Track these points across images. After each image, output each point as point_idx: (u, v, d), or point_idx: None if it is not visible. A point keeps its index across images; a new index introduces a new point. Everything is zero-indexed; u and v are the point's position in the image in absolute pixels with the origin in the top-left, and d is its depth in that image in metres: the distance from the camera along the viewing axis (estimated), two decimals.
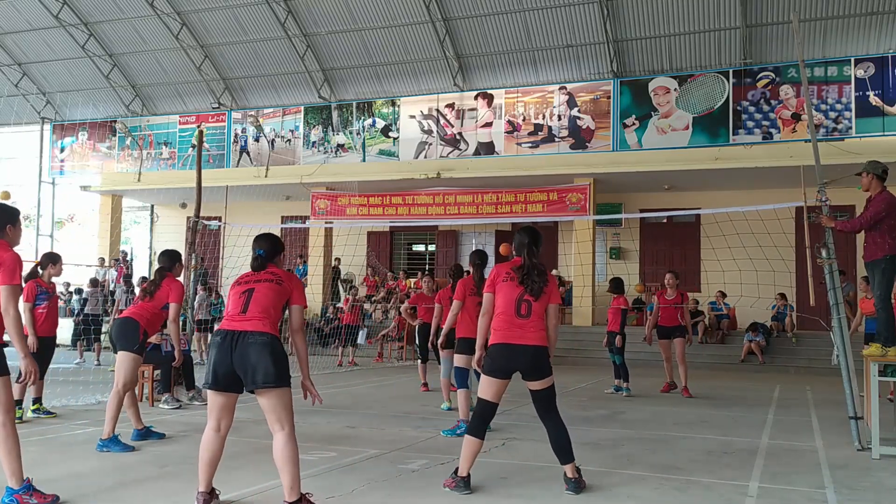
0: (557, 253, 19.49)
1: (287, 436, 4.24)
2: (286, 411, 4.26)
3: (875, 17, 16.59)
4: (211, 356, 4.31)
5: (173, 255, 7.07)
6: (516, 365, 4.96)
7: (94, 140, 22.40)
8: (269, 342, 4.23)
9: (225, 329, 4.31)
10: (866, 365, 6.74)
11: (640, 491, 5.15)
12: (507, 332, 4.94)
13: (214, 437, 4.39)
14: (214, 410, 4.38)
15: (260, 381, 4.18)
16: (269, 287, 4.40)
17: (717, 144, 16.35)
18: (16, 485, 4.48)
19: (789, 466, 5.97)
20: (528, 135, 17.89)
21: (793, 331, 16.20)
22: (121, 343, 6.53)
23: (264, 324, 4.28)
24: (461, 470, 4.98)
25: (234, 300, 4.43)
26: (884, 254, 6.56)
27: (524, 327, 4.93)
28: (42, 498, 4.52)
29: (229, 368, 4.25)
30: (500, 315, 5.01)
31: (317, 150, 19.77)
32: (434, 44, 19.26)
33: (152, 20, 20.64)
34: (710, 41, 17.75)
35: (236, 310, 4.35)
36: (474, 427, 5.01)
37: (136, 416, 6.72)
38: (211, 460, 4.39)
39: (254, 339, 4.23)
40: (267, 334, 4.25)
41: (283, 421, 4.25)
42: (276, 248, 4.67)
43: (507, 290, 5.00)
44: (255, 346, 4.21)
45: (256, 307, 4.32)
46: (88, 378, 10.93)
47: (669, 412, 8.94)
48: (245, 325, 4.27)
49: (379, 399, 9.96)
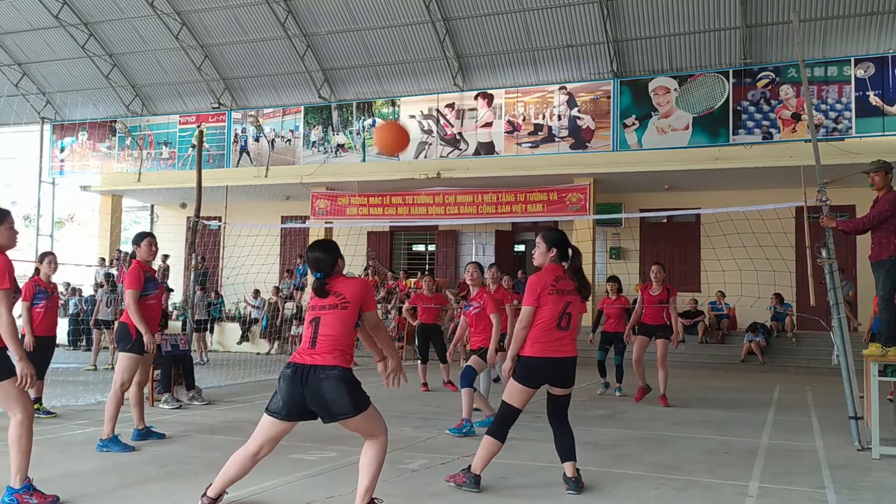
0: None
1: (380, 444, 4.30)
2: (375, 425, 4.28)
3: (875, 17, 16.59)
4: (282, 388, 4.20)
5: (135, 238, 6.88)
6: (553, 376, 5.04)
7: (94, 140, 22.40)
8: (339, 375, 4.14)
9: (296, 363, 4.20)
10: (866, 365, 6.73)
11: (640, 491, 5.15)
12: (548, 346, 4.97)
13: (250, 460, 4.27)
14: (263, 436, 4.24)
15: (338, 415, 4.15)
16: (334, 316, 4.22)
17: (717, 144, 16.35)
18: (18, 484, 4.49)
19: (789, 466, 5.97)
20: (528, 135, 17.89)
21: (793, 331, 16.20)
22: (118, 345, 6.55)
23: (334, 356, 4.16)
24: (475, 467, 5.01)
25: (305, 329, 4.34)
26: (889, 254, 6.55)
27: (562, 340, 5.00)
28: (42, 498, 4.52)
29: (301, 403, 4.16)
30: (540, 326, 4.99)
31: (317, 150, 19.77)
32: (434, 44, 19.25)
33: (152, 20, 20.63)
34: (710, 41, 17.74)
35: (306, 342, 4.24)
36: (498, 430, 5.04)
37: (139, 415, 6.73)
38: (234, 477, 4.31)
39: (325, 373, 4.12)
40: (337, 367, 4.15)
41: (375, 434, 4.29)
42: (334, 259, 4.39)
43: (553, 303, 5.00)
44: (326, 381, 4.11)
45: (325, 339, 4.20)
46: (88, 378, 10.95)
47: (669, 412, 8.93)
48: (315, 360, 4.16)
49: (379, 399, 9.89)
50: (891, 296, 6.60)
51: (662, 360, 9.48)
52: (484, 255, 20.52)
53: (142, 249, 6.67)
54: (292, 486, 5.16)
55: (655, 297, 9.58)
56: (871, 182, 6.82)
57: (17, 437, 4.46)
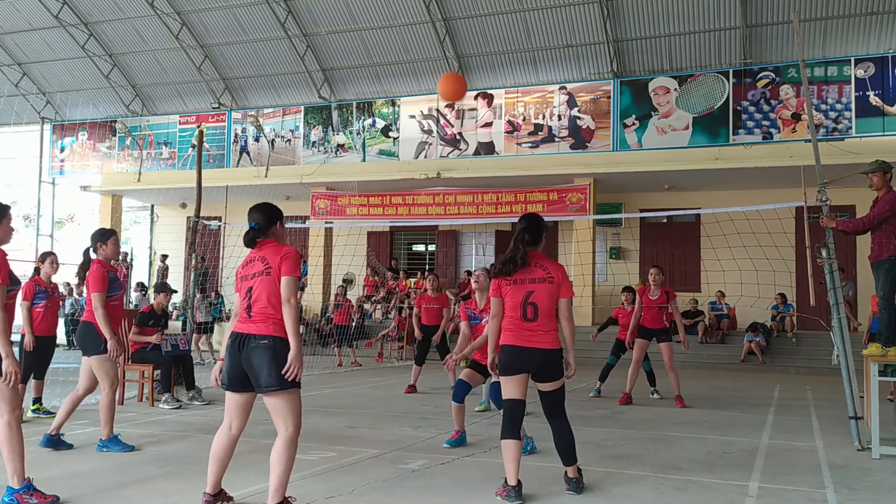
0: (557, 253, 19.47)
1: (287, 438, 4.20)
2: (291, 413, 4.22)
3: (875, 17, 16.59)
4: (225, 357, 4.34)
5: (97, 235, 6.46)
6: (527, 366, 4.88)
7: (94, 140, 22.39)
8: (270, 345, 4.19)
9: (234, 332, 4.32)
10: (866, 365, 6.73)
11: (640, 491, 5.15)
12: (517, 335, 4.87)
13: (225, 435, 4.38)
14: (229, 409, 4.39)
15: (263, 385, 4.19)
16: (261, 282, 4.27)
17: (717, 144, 16.35)
18: (17, 484, 4.49)
19: (789, 466, 5.97)
20: (528, 135, 17.88)
21: (793, 331, 16.20)
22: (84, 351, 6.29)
23: (266, 325, 4.22)
24: (510, 479, 4.74)
25: (239, 297, 4.38)
26: (889, 254, 6.55)
27: (533, 331, 4.84)
28: (42, 498, 4.52)
29: (240, 371, 4.26)
30: (507, 317, 4.93)
31: (317, 150, 19.76)
32: (434, 44, 19.25)
33: (152, 20, 20.64)
34: (710, 41, 17.74)
35: (242, 311, 4.32)
36: (508, 429, 4.84)
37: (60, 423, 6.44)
38: (219, 458, 4.37)
39: (255, 342, 4.20)
40: (268, 337, 4.20)
41: (288, 423, 4.21)
42: (272, 218, 4.43)
43: (512, 293, 4.91)
44: (257, 349, 4.19)
45: (257, 307, 4.26)
46: None
47: (669, 412, 8.93)
48: (249, 328, 4.25)
49: (379, 399, 9.96)
50: (891, 296, 6.59)
51: (670, 364, 9.47)
52: (484, 255, 20.53)
53: (108, 248, 6.38)
54: (292, 486, 5.14)
55: (654, 301, 9.49)
56: (869, 183, 6.83)
57: (7, 438, 4.48)
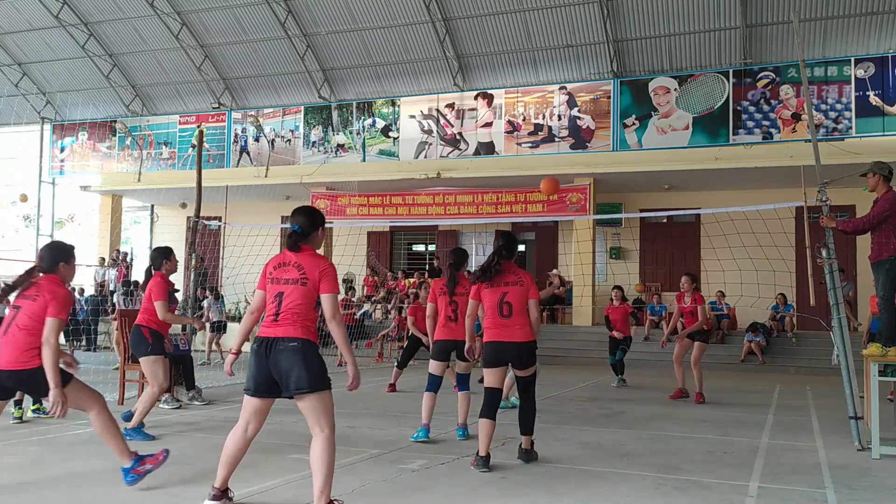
0: (557, 253, 19.49)
1: (325, 439, 4.19)
2: (325, 415, 4.20)
3: (875, 17, 16.58)
4: (251, 362, 4.28)
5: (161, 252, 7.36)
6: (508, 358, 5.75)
7: (94, 140, 22.39)
8: (299, 347, 4.17)
9: (260, 336, 4.28)
10: (866, 365, 6.73)
11: (640, 491, 5.15)
12: (495, 332, 5.74)
13: (240, 436, 4.36)
14: (246, 412, 4.36)
15: (293, 387, 4.15)
16: (295, 290, 4.25)
17: (717, 144, 16.34)
18: (128, 462, 4.88)
19: (789, 466, 5.97)
20: (528, 135, 17.88)
21: (793, 331, 16.19)
22: (135, 352, 6.99)
23: (295, 328, 4.20)
24: (481, 451, 5.60)
25: (268, 301, 4.33)
26: (889, 254, 6.55)
27: (508, 326, 5.70)
28: (154, 460, 4.96)
29: (267, 376, 4.22)
30: (486, 316, 5.81)
31: (317, 150, 19.76)
32: (434, 44, 19.25)
33: (152, 20, 20.63)
34: (710, 41, 17.74)
35: (270, 315, 4.29)
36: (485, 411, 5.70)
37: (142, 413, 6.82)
38: (231, 457, 4.37)
39: (284, 345, 4.17)
40: (297, 339, 4.19)
41: (323, 424, 4.19)
42: (315, 223, 4.41)
43: (489, 295, 5.79)
44: (285, 352, 4.16)
45: (287, 311, 4.23)
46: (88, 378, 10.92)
47: (669, 412, 8.94)
48: (277, 331, 4.21)
49: (379, 399, 9.96)
50: (891, 296, 6.60)
51: (696, 361, 9.99)
52: (484, 254, 20.53)
53: (171, 263, 7.29)
54: (292, 485, 5.15)
55: (688, 309, 10.11)
56: (866, 185, 6.85)
57: (103, 427, 4.87)
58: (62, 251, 5.02)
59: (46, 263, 4.91)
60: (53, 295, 4.72)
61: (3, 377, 4.70)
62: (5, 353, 4.70)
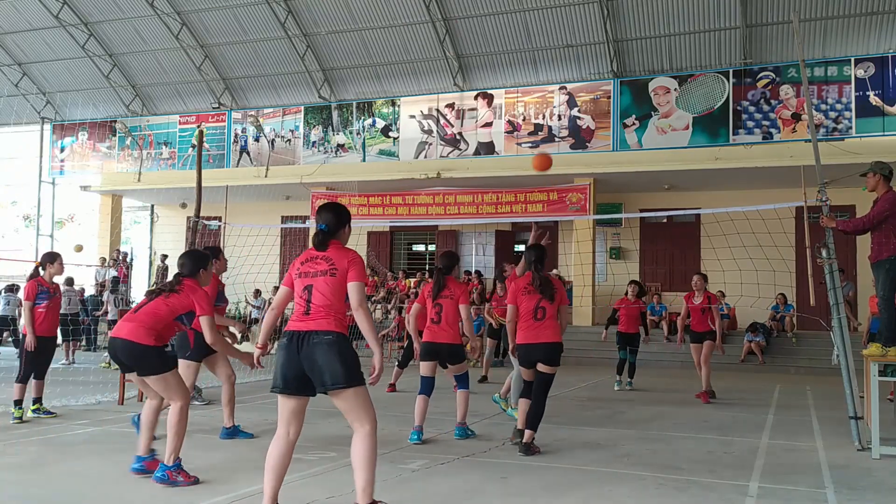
0: (557, 253, 19.47)
1: (367, 434, 4.03)
2: (364, 409, 4.06)
3: (875, 17, 16.58)
4: (279, 357, 4.12)
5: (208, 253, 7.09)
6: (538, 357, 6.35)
7: (94, 140, 22.39)
8: (334, 341, 4.05)
9: (291, 330, 4.14)
10: (866, 365, 6.73)
11: (639, 491, 5.15)
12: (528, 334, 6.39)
13: (283, 443, 4.12)
14: (284, 415, 4.14)
15: (329, 383, 4.01)
16: (324, 281, 4.14)
17: (717, 144, 16.34)
18: (170, 462, 5.01)
19: (789, 466, 5.97)
20: (528, 135, 17.88)
21: (793, 331, 16.19)
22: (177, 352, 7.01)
23: (329, 322, 4.08)
24: (519, 424, 6.55)
25: (297, 295, 4.21)
26: (889, 254, 6.55)
27: (539, 328, 6.34)
28: (187, 477, 5.03)
29: (299, 371, 4.07)
30: (521, 319, 6.44)
31: (317, 150, 19.76)
32: (434, 44, 19.25)
33: (152, 20, 20.64)
34: (710, 41, 17.74)
35: (300, 309, 4.17)
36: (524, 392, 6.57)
37: (229, 413, 7.03)
38: (277, 467, 4.11)
39: (318, 338, 4.04)
40: (332, 332, 4.06)
41: (363, 419, 4.05)
42: (342, 221, 4.34)
43: (526, 301, 6.43)
44: (320, 346, 4.02)
45: (318, 305, 4.11)
46: (88, 378, 10.94)
47: (669, 412, 8.94)
48: (309, 325, 4.08)
49: (379, 399, 9.93)
50: (891, 296, 6.59)
51: (706, 359, 10.08)
52: (484, 254, 20.53)
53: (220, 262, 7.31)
54: (292, 485, 5.15)
55: (698, 307, 10.09)
56: (865, 185, 6.85)
57: (176, 422, 5.09)
58: (201, 258, 5.66)
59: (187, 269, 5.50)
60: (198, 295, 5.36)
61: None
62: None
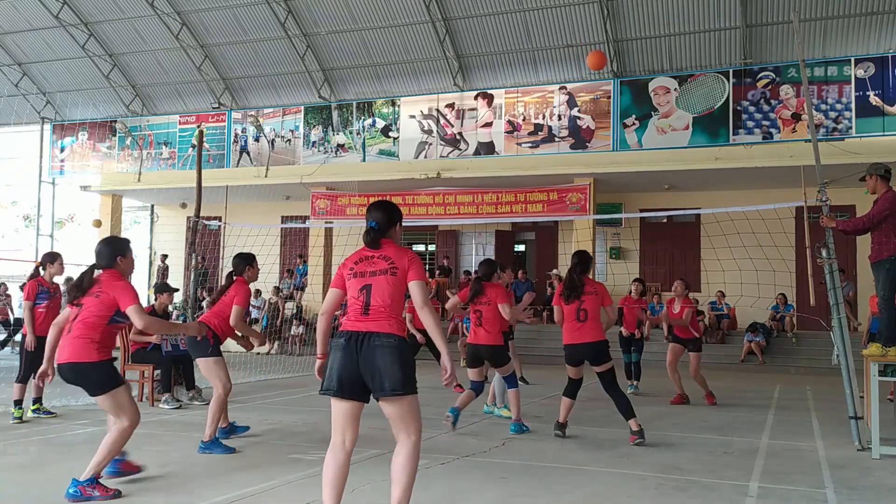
0: (557, 253, 19.47)
1: (413, 445, 3.86)
2: (414, 419, 3.88)
3: (875, 17, 16.58)
4: (334, 360, 3.89)
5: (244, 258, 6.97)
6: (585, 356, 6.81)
7: (94, 140, 22.37)
8: (396, 345, 3.86)
9: (348, 330, 3.93)
10: (866, 365, 6.73)
11: (640, 491, 5.15)
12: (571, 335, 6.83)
13: (340, 452, 3.91)
14: (339, 421, 3.92)
15: (388, 389, 3.80)
16: (385, 280, 3.97)
17: (717, 144, 16.33)
18: (87, 476, 4.74)
19: (789, 466, 5.97)
20: (528, 135, 17.87)
21: (793, 331, 16.19)
22: (194, 352, 6.66)
23: (391, 323, 3.90)
24: (561, 418, 7.00)
25: (352, 296, 4.01)
26: (889, 254, 6.55)
27: (582, 329, 6.76)
28: (104, 491, 4.77)
29: (355, 374, 3.85)
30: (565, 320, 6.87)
31: (317, 150, 19.76)
32: (434, 44, 19.25)
33: (152, 20, 20.64)
34: (710, 41, 17.74)
35: (357, 309, 3.96)
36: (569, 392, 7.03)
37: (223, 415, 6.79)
38: (336, 478, 3.90)
39: (380, 341, 3.84)
40: (394, 336, 3.87)
41: (411, 430, 3.87)
42: (393, 219, 4.21)
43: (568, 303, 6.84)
44: (381, 349, 3.83)
45: (378, 304, 3.93)
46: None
47: (669, 412, 8.94)
48: (370, 326, 3.88)
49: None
50: (891, 296, 6.59)
51: (695, 373, 9.73)
52: (484, 254, 20.52)
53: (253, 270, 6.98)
54: (292, 486, 5.15)
55: (677, 315, 9.77)
56: (867, 188, 6.86)
57: (113, 441, 4.81)
58: (117, 245, 5.14)
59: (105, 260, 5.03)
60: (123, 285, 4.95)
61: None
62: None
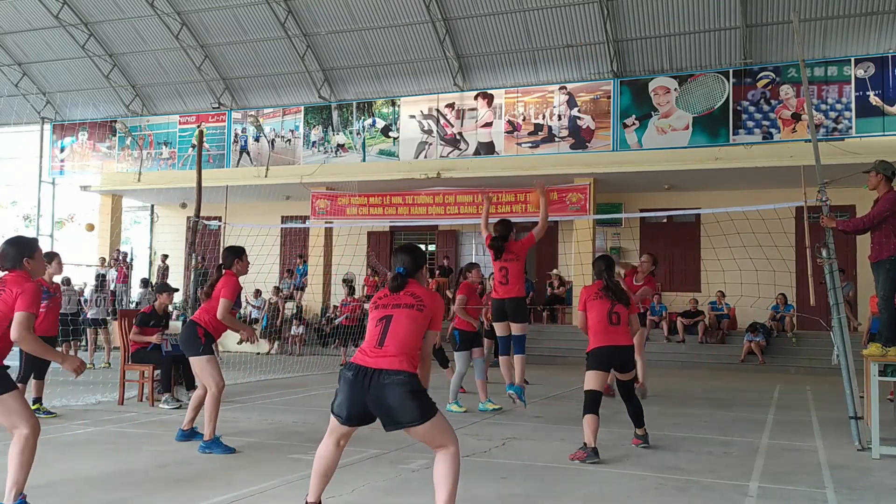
0: (557, 252, 19.47)
1: (452, 455, 3.91)
2: (444, 435, 3.93)
3: (875, 17, 16.58)
4: (343, 390, 3.99)
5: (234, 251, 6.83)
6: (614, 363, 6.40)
7: (94, 140, 22.38)
8: (404, 380, 3.88)
9: (358, 364, 3.97)
10: (866, 365, 6.73)
11: (640, 491, 5.15)
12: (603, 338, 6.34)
13: (333, 450, 4.12)
14: (338, 431, 4.11)
15: (405, 422, 3.90)
16: (408, 315, 4.01)
17: (717, 144, 16.33)
18: (12, 500, 4.25)
19: (789, 466, 5.97)
20: (528, 135, 17.87)
21: (793, 331, 16.19)
22: (186, 350, 6.59)
23: (401, 360, 3.92)
24: (589, 442, 6.02)
25: (371, 326, 4.08)
26: (889, 254, 6.55)
27: (615, 332, 6.34)
28: None
29: (363, 409, 3.96)
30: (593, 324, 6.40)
31: (317, 150, 19.76)
32: (434, 44, 19.25)
33: (152, 20, 20.63)
34: (710, 41, 17.73)
35: (372, 341, 4.00)
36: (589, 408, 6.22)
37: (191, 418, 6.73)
38: (325, 470, 4.12)
39: (390, 379, 3.87)
40: (403, 373, 3.89)
41: (446, 443, 3.93)
42: (419, 263, 4.26)
43: (598, 306, 6.43)
44: (391, 387, 3.87)
45: (394, 340, 3.96)
46: (88, 378, 10.93)
47: (669, 412, 8.94)
48: (380, 363, 3.91)
49: None
50: (891, 296, 6.59)
51: (640, 348, 9.24)
52: (484, 255, 20.51)
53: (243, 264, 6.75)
54: (292, 486, 5.16)
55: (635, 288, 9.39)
56: (867, 183, 6.85)
57: (19, 452, 4.25)
58: (24, 246, 4.55)
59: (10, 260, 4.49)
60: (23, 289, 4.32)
61: None
62: None
